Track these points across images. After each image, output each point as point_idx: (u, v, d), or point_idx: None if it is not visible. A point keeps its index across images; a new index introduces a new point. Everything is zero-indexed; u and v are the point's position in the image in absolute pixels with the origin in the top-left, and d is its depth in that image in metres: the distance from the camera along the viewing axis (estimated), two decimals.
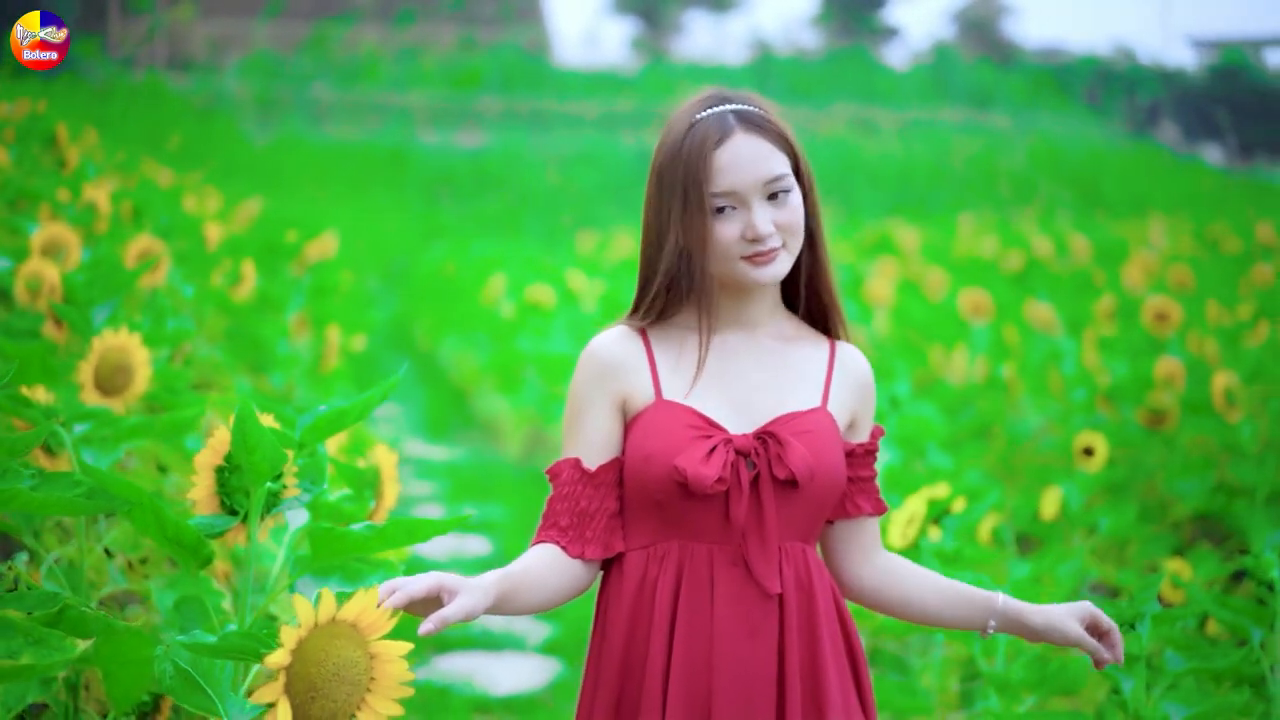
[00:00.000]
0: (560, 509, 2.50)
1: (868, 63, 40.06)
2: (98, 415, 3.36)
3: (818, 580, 2.50)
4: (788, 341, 2.59)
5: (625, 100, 34.51)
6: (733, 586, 2.45)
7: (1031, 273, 13.29)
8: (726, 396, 2.52)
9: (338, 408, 2.56)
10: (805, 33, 53.29)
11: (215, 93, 30.15)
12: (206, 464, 2.51)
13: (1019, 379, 8.37)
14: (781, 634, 2.45)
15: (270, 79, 32.50)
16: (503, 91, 34.19)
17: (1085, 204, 27.75)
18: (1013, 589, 3.42)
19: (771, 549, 2.45)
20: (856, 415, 2.60)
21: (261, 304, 7.10)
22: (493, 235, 24.14)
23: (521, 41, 37.69)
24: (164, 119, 23.08)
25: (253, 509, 2.50)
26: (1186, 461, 7.20)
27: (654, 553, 2.48)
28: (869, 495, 2.61)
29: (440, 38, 37.15)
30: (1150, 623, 2.86)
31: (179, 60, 33.27)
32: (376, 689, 1.98)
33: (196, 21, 34.71)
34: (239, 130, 27.83)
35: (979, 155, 31.46)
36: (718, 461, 2.42)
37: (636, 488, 2.48)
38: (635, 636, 2.47)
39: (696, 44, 51.72)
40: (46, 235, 5.07)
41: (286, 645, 1.89)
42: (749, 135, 2.50)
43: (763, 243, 2.48)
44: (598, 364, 2.53)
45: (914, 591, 2.60)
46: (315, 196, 23.66)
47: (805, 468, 2.44)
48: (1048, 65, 42.75)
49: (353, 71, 34.34)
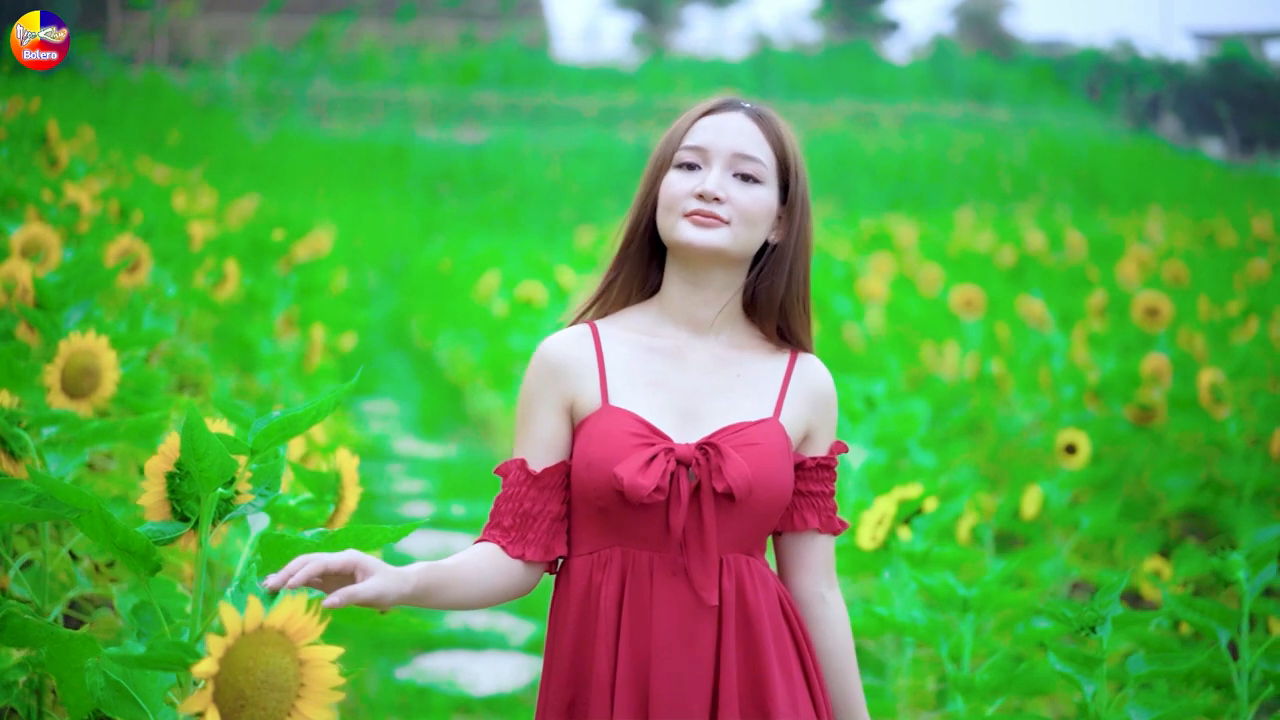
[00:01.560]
0: (504, 509, 2.51)
1: (867, 57, 40.04)
2: (63, 419, 3.36)
3: (761, 592, 2.47)
4: (743, 350, 2.56)
5: (625, 95, 34.54)
6: (671, 595, 2.44)
7: (1026, 268, 13.27)
8: (674, 403, 2.50)
9: (291, 413, 2.55)
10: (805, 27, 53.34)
11: (215, 89, 30.16)
12: (157, 470, 2.50)
13: (1008, 375, 8.35)
14: (720, 646, 2.44)
15: (270, 75, 32.52)
16: (503, 87, 34.21)
17: (1085, 198, 27.73)
18: (988, 588, 3.42)
19: (711, 560, 2.43)
20: (812, 428, 2.57)
21: (249, 303, 7.09)
22: (493, 231, 24.14)
23: (521, 37, 37.69)
24: (163, 116, 23.08)
25: (204, 515, 2.48)
26: (1174, 458, 7.19)
27: (598, 559, 2.48)
28: (818, 511, 2.56)
29: (440, 33, 37.14)
30: (1111, 625, 2.85)
31: (179, 57, 33.27)
32: (307, 695, 1.97)
33: (197, 18, 34.74)
34: (238, 127, 27.85)
35: (979, 150, 31.44)
36: (656, 471, 2.41)
37: (581, 493, 2.48)
38: (583, 640, 2.47)
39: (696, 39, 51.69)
40: (26, 236, 5.06)
41: (213, 654, 1.88)
42: (746, 119, 2.53)
43: (707, 203, 2.47)
44: (547, 365, 2.52)
45: (823, 648, 2.56)
46: (315, 193, 23.67)
47: (743, 481, 2.42)
48: (1048, 59, 42.72)
49: (353, 67, 34.36)
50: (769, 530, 2.54)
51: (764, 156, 2.50)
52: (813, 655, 2.54)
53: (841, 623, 2.58)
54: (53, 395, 3.60)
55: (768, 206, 2.50)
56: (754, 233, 2.50)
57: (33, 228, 5.08)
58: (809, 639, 2.54)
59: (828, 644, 2.56)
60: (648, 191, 2.55)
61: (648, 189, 2.56)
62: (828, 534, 2.58)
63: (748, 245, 2.51)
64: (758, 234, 2.51)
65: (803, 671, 2.50)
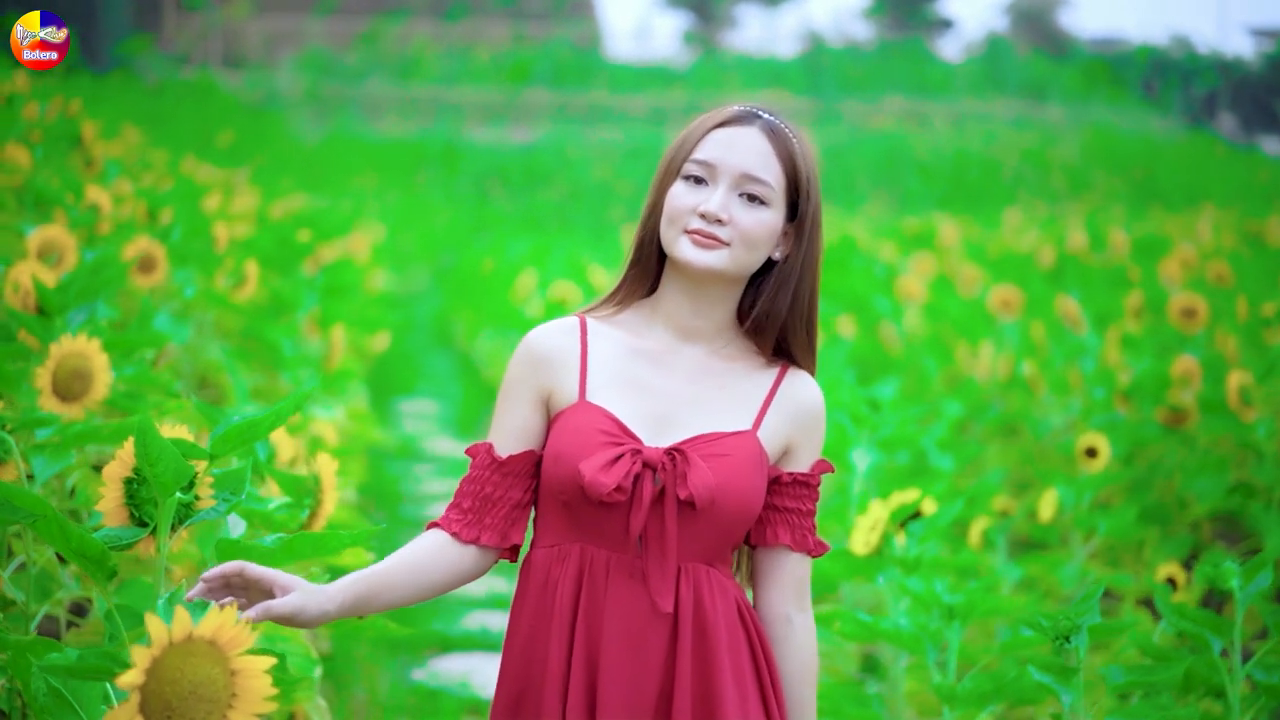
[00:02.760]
0: (466, 490, 2.52)
1: (920, 55, 39.84)
2: (48, 421, 3.37)
3: (720, 603, 2.45)
4: (732, 361, 2.54)
5: (676, 94, 34.47)
6: (625, 597, 2.43)
7: (1066, 268, 13.17)
8: (651, 407, 2.48)
9: (250, 418, 2.55)
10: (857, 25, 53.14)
11: (267, 90, 30.33)
12: (114, 476, 2.49)
13: (1040, 377, 8.28)
14: (674, 654, 2.42)
15: (323, 75, 32.67)
16: (553, 86, 34.24)
17: (1140, 197, 27.49)
18: (973, 595, 3.38)
19: (670, 566, 2.42)
20: (793, 443, 2.54)
21: (274, 304, 7.11)
22: (541, 230, 24.15)
23: (573, 36, 37.72)
24: (214, 116, 23.23)
25: (161, 521, 2.48)
26: (1204, 461, 7.11)
27: (557, 552, 2.47)
28: (791, 528, 2.52)
29: (492, 33, 37.23)
30: (1088, 635, 2.81)
31: (234, 58, 33.48)
32: (239, 705, 1.96)
33: (251, 19, 34.94)
34: (290, 127, 27.99)
35: (1032, 148, 31.22)
36: (620, 471, 2.39)
37: (547, 486, 2.48)
38: (537, 634, 2.47)
39: (748, 37, 51.61)
40: (43, 237, 5.08)
41: (139, 665, 1.88)
42: (760, 134, 2.49)
43: (709, 223, 2.44)
44: (530, 355, 2.53)
45: (784, 671, 2.53)
46: (365, 193, 23.75)
47: (706, 491, 2.40)
48: (1103, 56, 42.40)
49: (405, 67, 34.47)
50: (734, 543, 2.51)
51: (772, 178, 2.47)
52: (772, 669, 2.50)
53: (806, 648, 2.54)
54: (44, 398, 3.61)
55: (771, 229, 2.48)
56: (754, 254, 2.48)
57: (50, 229, 5.11)
58: (769, 652, 2.52)
59: (789, 667, 2.53)
60: (656, 199, 2.53)
61: (656, 196, 2.54)
62: (800, 553, 2.54)
63: (747, 266, 2.49)
64: (758, 255, 2.49)
65: (758, 685, 2.47)
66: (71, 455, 3.36)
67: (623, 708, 2.39)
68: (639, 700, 2.41)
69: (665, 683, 2.42)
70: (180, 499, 2.50)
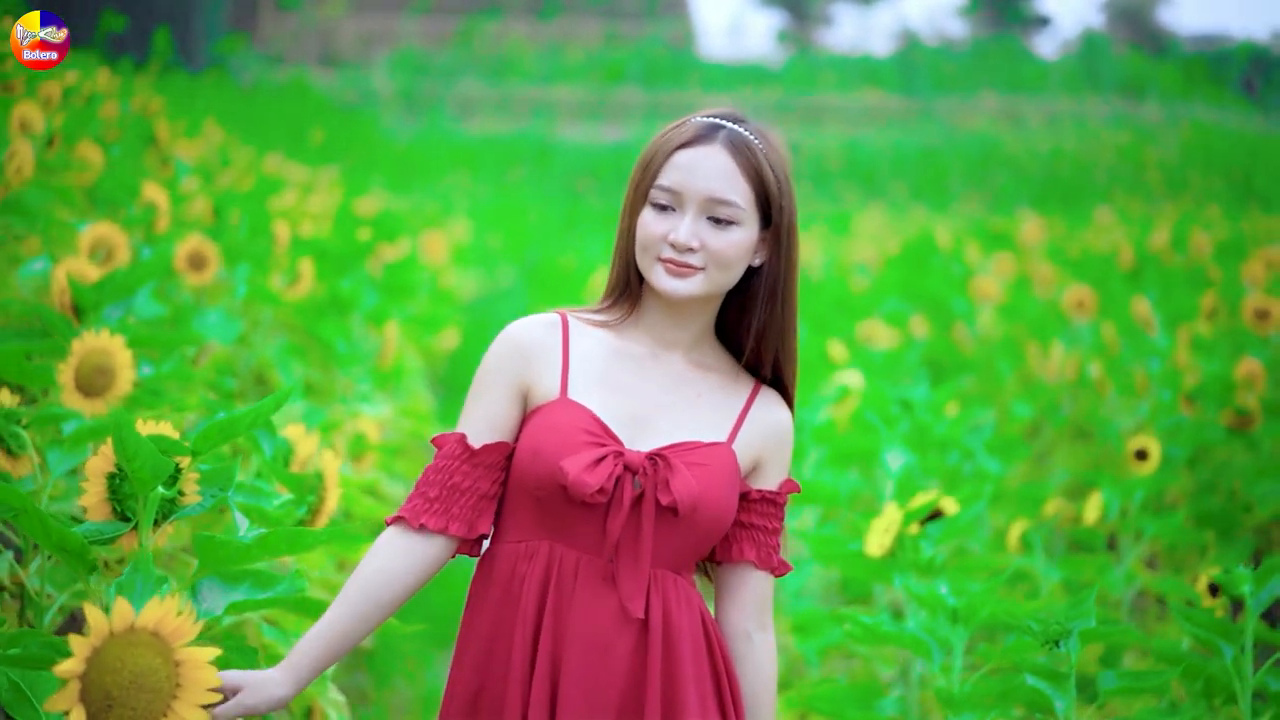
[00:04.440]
0: (433, 479, 2.48)
1: (1015, 52, 39.50)
2: (64, 417, 3.42)
3: (686, 613, 2.45)
4: (707, 371, 2.54)
5: (769, 93, 34.40)
6: (593, 600, 2.42)
7: (1146, 268, 13.01)
8: (629, 409, 2.48)
9: (232, 415, 2.58)
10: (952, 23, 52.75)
11: (360, 89, 30.58)
12: (97, 471, 2.54)
13: (1106, 378, 8.19)
14: (644, 661, 2.41)
15: (416, 74, 32.90)
16: (646, 85, 34.26)
17: (1237, 197, 27.09)
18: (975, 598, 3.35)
19: (642, 571, 2.42)
20: (762, 460, 2.54)
21: (334, 302, 7.17)
22: None
23: (666, 35, 37.73)
24: (307, 115, 23.44)
25: (143, 515, 2.52)
26: (1267, 465, 7.00)
27: (524, 549, 2.46)
28: (756, 545, 2.53)
29: (585, 32, 37.32)
30: (1080, 639, 2.78)
31: (329, 57, 33.78)
32: (183, 695, 1.99)
33: (346, 18, 35.23)
34: (382, 126, 28.20)
35: (1128, 147, 30.85)
36: (603, 472, 2.39)
37: (520, 480, 2.46)
38: (500, 629, 2.46)
39: (843, 35, 51.43)
40: (95, 235, 5.16)
41: (78, 654, 1.91)
42: (723, 151, 2.45)
43: (680, 252, 2.44)
44: (511, 347, 2.51)
45: (744, 689, 2.52)
46: (456, 191, 23.89)
47: (689, 498, 2.40)
48: (1202, 54, 41.82)
49: (498, 66, 34.63)
50: (703, 553, 2.51)
51: (739, 196, 2.45)
52: (732, 680, 2.50)
53: (766, 666, 2.53)
54: (66, 394, 3.67)
55: (744, 247, 2.46)
56: (730, 273, 2.47)
57: (102, 227, 5.18)
58: (730, 665, 2.51)
59: (748, 684, 2.53)
60: (629, 224, 2.52)
61: (629, 221, 2.52)
62: (764, 571, 2.54)
63: (724, 285, 2.49)
64: (734, 273, 2.48)
65: (717, 695, 2.46)
66: (87, 450, 3.41)
67: (583, 709, 2.39)
68: (600, 704, 2.40)
69: (629, 688, 2.41)
70: (163, 494, 2.54)
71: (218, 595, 2.63)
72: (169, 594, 2.03)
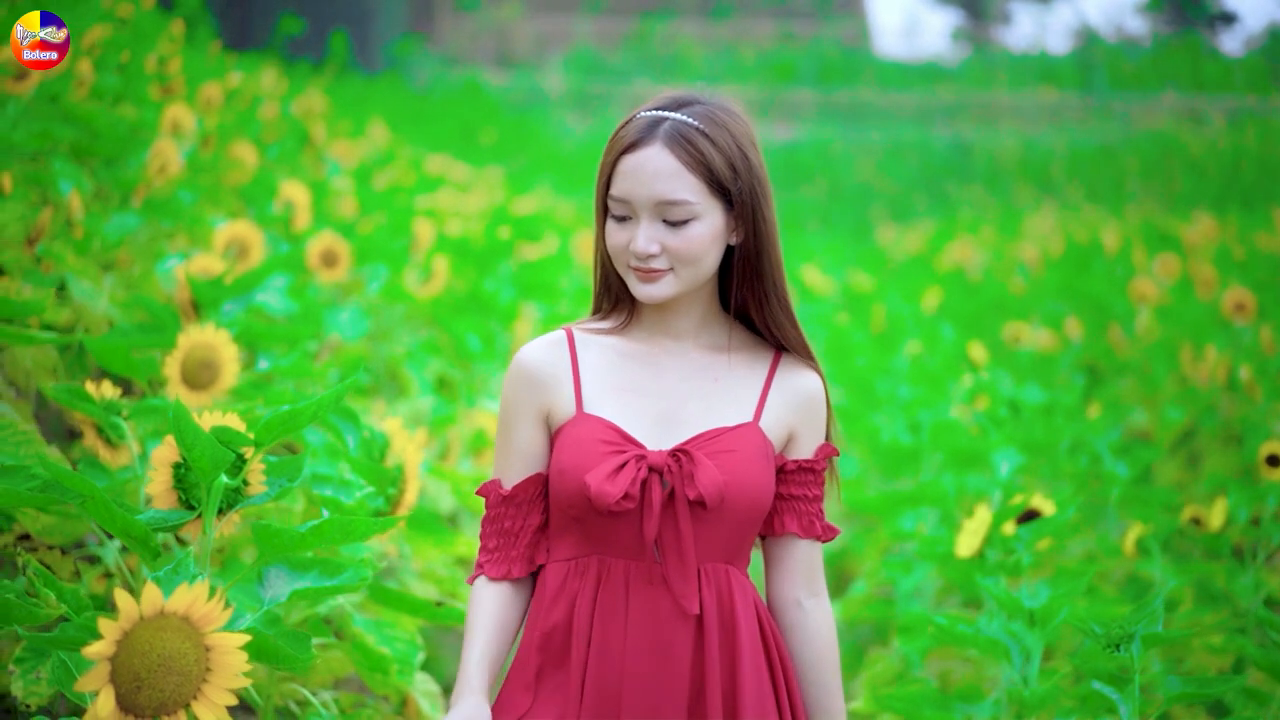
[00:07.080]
0: (489, 530, 2.54)
1: (1198, 50, 38.59)
2: (166, 409, 3.53)
3: (740, 602, 2.46)
4: (721, 353, 2.55)
5: (944, 91, 34.06)
6: (647, 604, 2.43)
7: None
8: (651, 409, 2.49)
9: (295, 407, 2.65)
10: (1132, 20, 51.70)
11: (534, 89, 30.86)
12: (164, 460, 2.62)
13: (1255, 382, 8.01)
14: (702, 656, 2.42)
15: (590, 75, 33.11)
16: (819, 84, 34.13)
17: None
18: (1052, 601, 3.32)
19: (690, 568, 2.42)
20: (795, 430, 2.54)
21: (474, 300, 7.27)
22: (800, 228, 24.09)
23: (840, 34, 37.54)
24: (479, 115, 23.71)
25: (207, 504, 2.59)
26: None
27: (576, 566, 2.48)
28: (798, 515, 2.53)
29: (758, 32, 37.27)
30: (1142, 643, 2.74)
31: (505, 57, 34.14)
32: (213, 679, 2.05)
33: (523, 18, 35.57)
34: (555, 126, 28.42)
35: None
36: (625, 479, 2.40)
37: (556, 501, 2.49)
38: (551, 647, 2.48)
39: (1020, 34, 50.69)
40: (231, 232, 5.31)
41: (107, 636, 1.98)
42: (663, 150, 2.46)
43: (643, 260, 2.46)
44: (522, 376, 2.54)
45: (800, 656, 2.54)
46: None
47: (715, 489, 2.40)
48: None
49: (671, 66, 34.69)
50: (751, 538, 2.52)
51: (689, 193, 2.45)
52: (787, 672, 2.50)
53: (821, 633, 2.53)
54: (172, 387, 3.79)
55: (708, 237, 2.47)
56: (703, 265, 2.48)
57: (238, 225, 5.33)
58: (785, 656, 2.51)
59: (804, 652, 2.53)
60: (600, 232, 2.56)
61: (599, 230, 2.56)
62: (809, 539, 2.54)
63: (701, 276, 2.50)
64: (706, 264, 2.49)
65: (773, 689, 2.47)
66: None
67: (649, 708, 2.40)
68: (665, 706, 2.41)
69: (694, 685, 2.43)
70: (227, 484, 2.61)
71: (284, 582, 2.70)
72: (199, 582, 2.08)
